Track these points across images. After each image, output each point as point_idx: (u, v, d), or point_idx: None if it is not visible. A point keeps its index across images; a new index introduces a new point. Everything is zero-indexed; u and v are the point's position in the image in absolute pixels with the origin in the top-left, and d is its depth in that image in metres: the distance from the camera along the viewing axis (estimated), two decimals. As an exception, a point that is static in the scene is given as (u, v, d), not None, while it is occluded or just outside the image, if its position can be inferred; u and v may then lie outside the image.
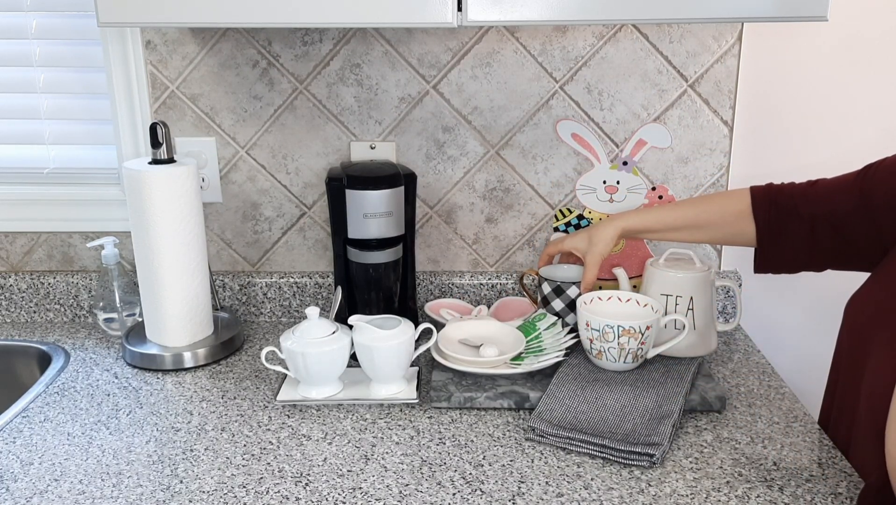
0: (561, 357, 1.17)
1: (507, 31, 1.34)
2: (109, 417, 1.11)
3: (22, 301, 1.47)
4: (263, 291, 1.46)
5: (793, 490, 0.92)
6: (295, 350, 1.10)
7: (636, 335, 1.13)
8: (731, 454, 1.00)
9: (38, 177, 1.45)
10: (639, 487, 0.93)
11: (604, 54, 1.34)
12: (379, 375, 1.14)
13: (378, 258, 1.28)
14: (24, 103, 1.42)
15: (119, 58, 1.36)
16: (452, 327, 1.24)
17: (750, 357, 1.29)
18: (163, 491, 0.93)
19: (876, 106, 1.37)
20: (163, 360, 1.25)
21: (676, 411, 1.04)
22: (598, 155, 1.39)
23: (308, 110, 1.38)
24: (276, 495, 0.92)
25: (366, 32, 1.34)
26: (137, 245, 1.24)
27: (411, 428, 1.07)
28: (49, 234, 1.47)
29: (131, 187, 1.21)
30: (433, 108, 1.38)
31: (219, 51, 1.35)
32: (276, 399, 1.13)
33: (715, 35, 1.32)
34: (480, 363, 1.14)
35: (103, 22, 1.04)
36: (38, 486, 0.94)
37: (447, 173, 1.42)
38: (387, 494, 0.92)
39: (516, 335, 1.21)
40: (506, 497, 0.91)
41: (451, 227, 1.45)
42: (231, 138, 1.40)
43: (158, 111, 1.39)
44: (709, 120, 1.37)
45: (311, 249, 1.46)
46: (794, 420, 1.09)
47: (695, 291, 1.23)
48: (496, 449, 1.01)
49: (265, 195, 1.43)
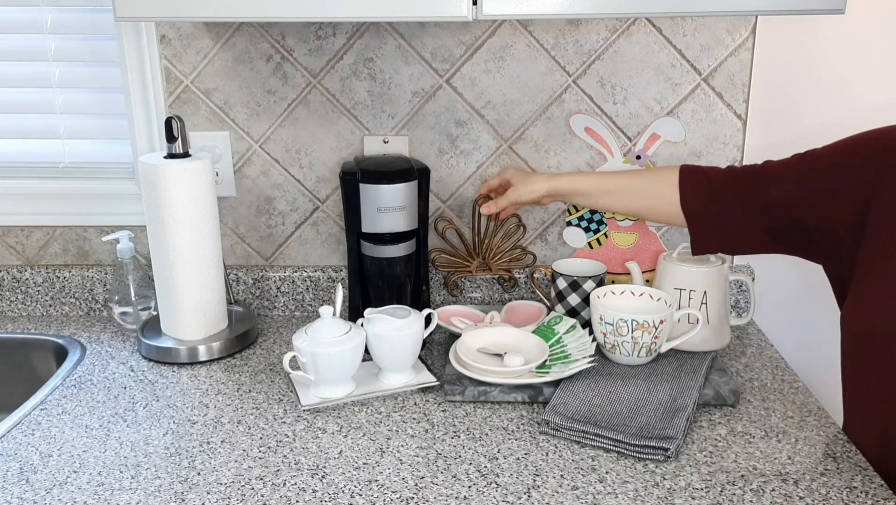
0: (589, 363, 1.14)
1: (520, 24, 1.33)
2: (126, 409, 1.12)
3: (38, 295, 1.48)
4: (277, 286, 1.46)
5: (808, 484, 0.92)
6: (311, 350, 1.10)
7: (650, 329, 1.13)
8: (745, 448, 1.00)
9: (54, 171, 1.46)
10: (653, 480, 0.93)
11: (617, 48, 1.34)
12: (393, 365, 1.15)
13: (392, 252, 1.28)
14: (40, 98, 1.43)
15: (134, 52, 1.36)
16: (470, 336, 1.21)
17: (763, 351, 1.29)
18: (181, 483, 0.94)
19: (890, 100, 1.36)
20: (178, 353, 1.26)
21: (690, 405, 1.05)
22: (610, 149, 1.39)
23: (321, 104, 1.39)
24: (292, 487, 0.92)
25: (379, 27, 1.34)
26: (152, 239, 1.25)
27: (426, 421, 1.07)
28: (64, 229, 1.48)
29: (147, 181, 1.22)
30: (446, 102, 1.38)
31: (233, 45, 1.36)
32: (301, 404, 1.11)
33: (728, 28, 1.32)
34: (506, 373, 1.12)
35: (120, 16, 1.04)
36: (57, 477, 0.95)
37: (460, 167, 1.42)
38: (402, 487, 0.92)
39: (537, 341, 1.19)
40: (521, 490, 0.91)
41: (464, 221, 1.45)
42: (245, 133, 1.41)
43: (173, 105, 1.40)
44: (722, 114, 1.37)
45: (325, 244, 1.47)
46: (808, 414, 1.09)
47: (708, 286, 1.23)
48: (511, 442, 1.02)
49: (279, 189, 1.44)
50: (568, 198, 1.27)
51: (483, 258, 1.43)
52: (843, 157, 1.03)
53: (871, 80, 1.35)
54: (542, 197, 1.26)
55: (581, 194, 1.25)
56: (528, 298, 1.44)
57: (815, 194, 1.05)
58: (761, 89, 1.36)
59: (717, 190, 1.15)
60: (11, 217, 1.47)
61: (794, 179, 1.08)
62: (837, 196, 1.02)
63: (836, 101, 1.36)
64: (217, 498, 0.91)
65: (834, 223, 1.03)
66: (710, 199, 1.15)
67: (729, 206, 1.13)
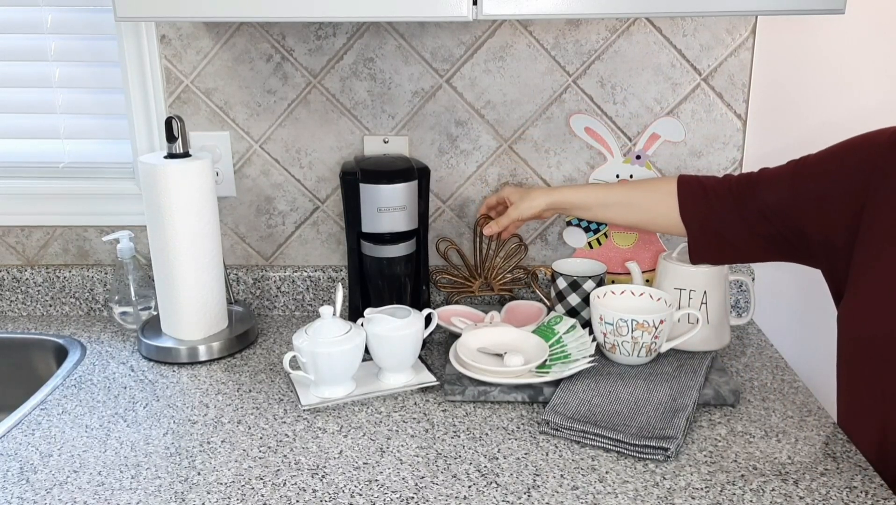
0: (589, 363, 1.14)
1: (520, 24, 1.33)
2: (126, 409, 1.12)
3: (38, 295, 1.48)
4: (277, 285, 1.46)
5: (807, 484, 0.92)
6: (311, 350, 1.10)
7: (650, 329, 1.13)
8: (745, 448, 1.00)
9: (54, 171, 1.46)
10: (653, 480, 0.93)
11: (617, 48, 1.34)
12: (394, 365, 1.16)
13: (392, 252, 1.28)
14: (40, 98, 1.43)
15: (134, 52, 1.36)
16: (470, 336, 1.21)
17: (763, 351, 1.29)
18: (181, 483, 0.94)
19: (890, 100, 1.36)
20: (178, 353, 1.26)
21: (690, 405, 1.05)
22: (611, 149, 1.39)
23: (321, 104, 1.39)
24: (292, 487, 0.92)
25: (379, 26, 1.34)
26: (153, 239, 1.25)
27: (426, 421, 1.07)
28: (64, 229, 1.48)
29: (147, 181, 1.22)
30: (446, 102, 1.38)
31: (233, 45, 1.36)
32: (301, 404, 1.11)
33: (728, 28, 1.32)
34: (506, 373, 1.12)
35: (120, 16, 1.04)
36: (57, 477, 0.95)
37: (460, 167, 1.42)
38: (402, 487, 0.92)
39: (537, 341, 1.19)
40: (521, 490, 0.91)
41: (464, 221, 1.45)
42: (245, 133, 1.41)
43: (173, 105, 1.40)
44: (722, 113, 1.37)
45: (325, 243, 1.47)
46: (808, 414, 1.09)
47: (708, 286, 1.23)
48: (511, 442, 1.02)
49: (279, 189, 1.44)
50: (567, 211, 1.27)
51: (485, 278, 1.43)
52: (836, 163, 1.04)
53: (870, 80, 1.35)
54: (543, 211, 1.27)
55: (581, 207, 1.25)
56: (528, 298, 1.44)
57: (810, 200, 1.05)
58: (761, 89, 1.36)
59: (714, 200, 1.16)
60: (11, 217, 1.47)
61: (788, 186, 1.08)
62: (832, 201, 1.02)
63: (835, 101, 1.37)
64: (217, 498, 0.91)
65: (829, 228, 1.03)
66: (709, 210, 1.16)
67: (727, 215, 1.14)
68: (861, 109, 1.37)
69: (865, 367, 0.98)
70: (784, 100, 1.37)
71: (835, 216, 1.02)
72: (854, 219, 1.00)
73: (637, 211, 1.22)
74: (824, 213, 1.03)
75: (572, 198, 1.25)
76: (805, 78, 1.36)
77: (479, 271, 1.43)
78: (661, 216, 1.20)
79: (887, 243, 0.96)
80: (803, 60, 1.35)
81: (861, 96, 1.36)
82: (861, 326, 0.98)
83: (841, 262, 1.03)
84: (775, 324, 1.46)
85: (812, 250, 1.08)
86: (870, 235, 0.98)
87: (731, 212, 1.14)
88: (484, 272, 1.42)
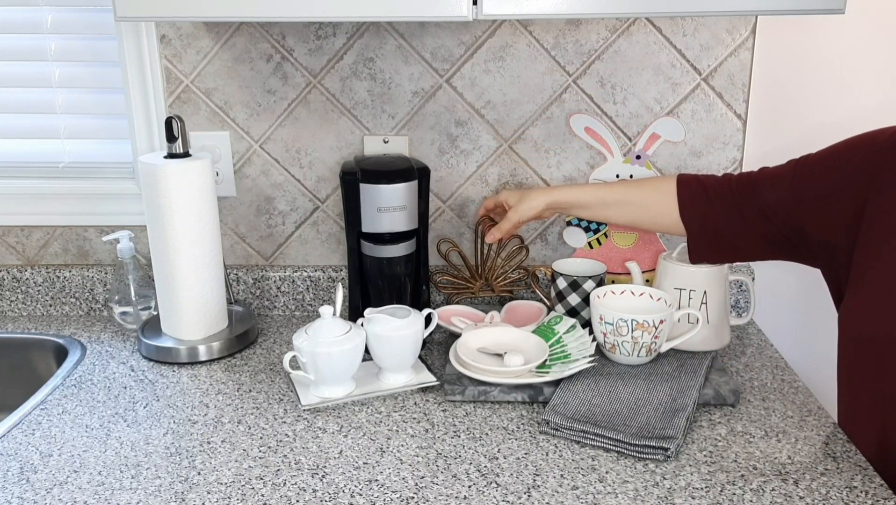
0: (589, 363, 1.14)
1: (520, 24, 1.33)
2: (126, 409, 1.12)
3: (38, 294, 1.48)
4: (277, 285, 1.46)
5: (807, 484, 0.92)
6: (311, 350, 1.10)
7: (650, 329, 1.13)
8: (745, 448, 1.00)
9: (54, 171, 1.46)
10: (653, 480, 0.93)
11: (617, 48, 1.34)
12: (394, 365, 1.16)
13: (392, 252, 1.28)
14: (39, 98, 1.43)
15: (134, 52, 1.36)
16: (470, 336, 1.21)
17: (763, 351, 1.29)
18: (181, 483, 0.94)
19: (890, 100, 1.36)
20: (178, 353, 1.26)
21: (690, 405, 1.05)
22: (610, 149, 1.39)
23: (321, 104, 1.39)
24: (292, 487, 0.92)
25: (379, 26, 1.34)
26: (153, 239, 1.25)
27: (426, 421, 1.07)
28: (64, 228, 1.48)
29: (147, 181, 1.22)
30: (446, 102, 1.38)
31: (233, 45, 1.36)
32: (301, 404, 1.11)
33: (728, 28, 1.32)
34: (506, 373, 1.12)
35: (120, 16, 1.04)
36: (57, 477, 0.95)
37: (460, 167, 1.42)
38: (403, 487, 0.92)
39: (537, 341, 1.19)
40: (521, 490, 0.91)
41: (464, 221, 1.45)
42: (245, 132, 1.41)
43: (173, 105, 1.40)
44: (722, 113, 1.37)
45: (325, 243, 1.47)
46: (808, 414, 1.09)
47: (708, 285, 1.23)
48: (511, 442, 1.02)
49: (279, 189, 1.44)
50: (567, 210, 1.27)
51: (486, 279, 1.42)
52: (836, 162, 1.04)
53: (870, 80, 1.35)
54: (543, 211, 1.27)
55: (580, 207, 1.25)
56: (528, 298, 1.44)
57: (810, 200, 1.05)
58: (761, 89, 1.36)
59: (714, 199, 1.16)
60: (11, 217, 1.47)
61: (789, 186, 1.08)
62: (832, 200, 1.02)
63: (836, 100, 1.37)
64: (217, 498, 0.91)
65: (829, 227, 1.03)
66: (709, 209, 1.16)
67: (726, 214, 1.14)
68: (861, 109, 1.37)
69: (866, 367, 0.98)
70: (784, 100, 1.37)
71: (835, 216, 1.02)
72: (854, 218, 1.00)
73: (637, 210, 1.22)
74: (824, 212, 1.03)
75: (571, 197, 1.25)
76: (805, 78, 1.36)
77: (479, 273, 1.43)
78: (661, 215, 1.20)
79: (888, 243, 0.96)
80: (803, 60, 1.35)
81: (861, 96, 1.36)
82: (861, 326, 0.98)
83: (841, 261, 1.03)
84: (775, 324, 1.46)
85: (812, 250, 1.08)
86: (870, 235, 0.98)
87: (730, 211, 1.14)
88: (485, 273, 1.42)
